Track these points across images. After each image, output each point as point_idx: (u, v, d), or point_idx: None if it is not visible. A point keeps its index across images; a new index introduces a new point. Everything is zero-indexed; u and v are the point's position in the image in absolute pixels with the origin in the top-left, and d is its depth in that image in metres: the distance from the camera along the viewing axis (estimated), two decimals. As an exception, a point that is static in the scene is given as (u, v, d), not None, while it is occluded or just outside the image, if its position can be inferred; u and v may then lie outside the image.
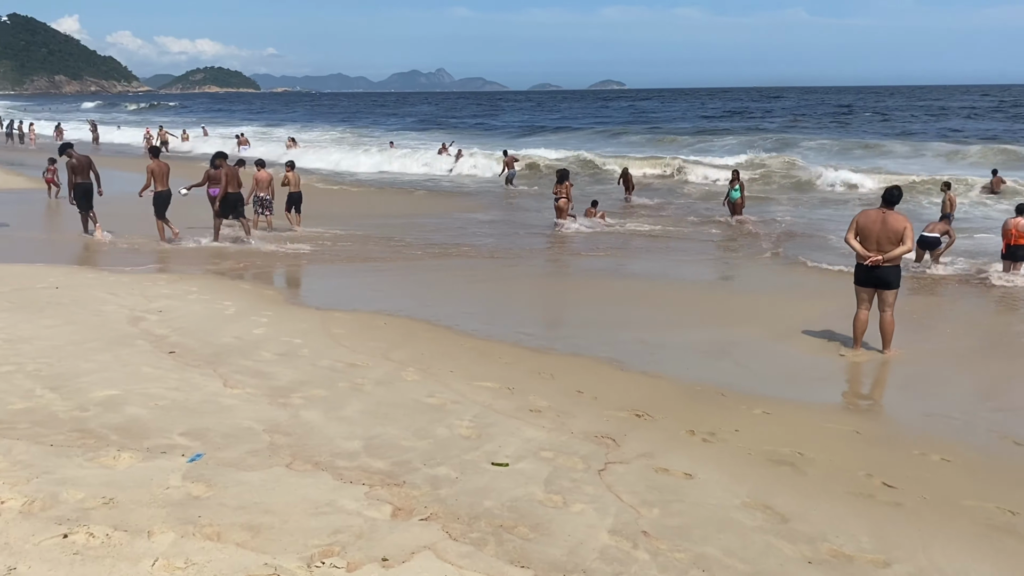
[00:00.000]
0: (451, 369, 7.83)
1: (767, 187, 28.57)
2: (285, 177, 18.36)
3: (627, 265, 15.06)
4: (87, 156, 17.19)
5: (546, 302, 12.22)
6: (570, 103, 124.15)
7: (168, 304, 10.27)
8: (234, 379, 7.13)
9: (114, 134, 52.51)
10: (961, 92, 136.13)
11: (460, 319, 10.31)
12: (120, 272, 12.67)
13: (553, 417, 6.51)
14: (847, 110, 77.22)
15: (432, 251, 15.99)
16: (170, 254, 15.18)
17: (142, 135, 44.10)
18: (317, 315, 10.20)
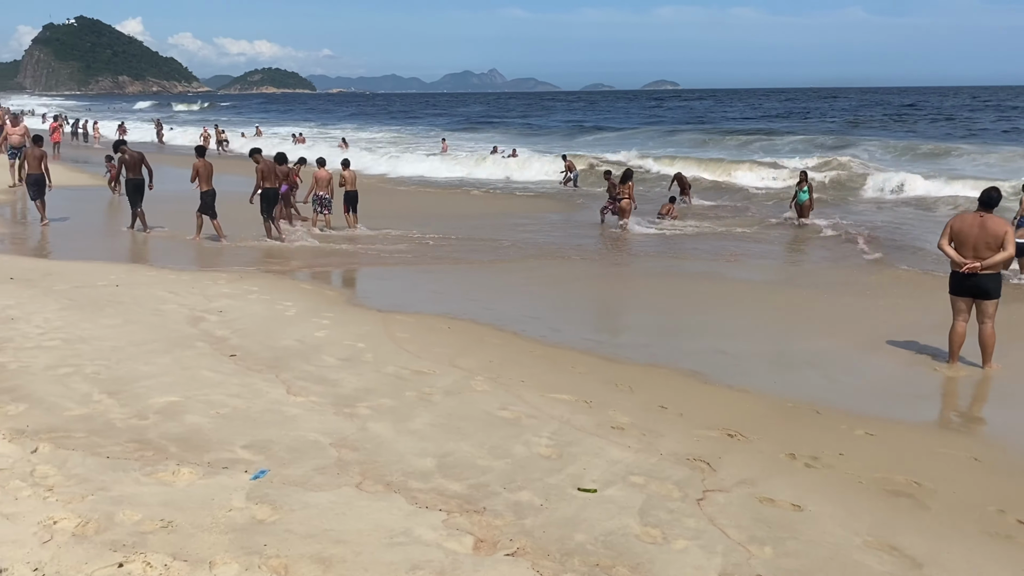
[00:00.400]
0: (522, 379, 7.37)
1: (836, 191, 27.48)
2: (341, 176, 18.12)
3: (696, 267, 14.43)
4: (140, 152, 17.19)
5: (615, 306, 11.68)
6: (624, 103, 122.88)
7: (228, 304, 10.01)
8: (297, 386, 6.76)
9: (171, 134, 53.21)
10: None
11: (526, 324, 9.85)
12: (180, 270, 12.49)
13: (638, 436, 6.00)
14: (909, 110, 74.64)
15: (492, 252, 15.56)
16: (228, 252, 15.02)
17: (199, 135, 44.64)
18: (379, 317, 9.84)
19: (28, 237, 15.69)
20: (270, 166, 16.05)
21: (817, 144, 39.22)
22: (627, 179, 19.28)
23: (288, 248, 15.53)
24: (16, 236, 15.53)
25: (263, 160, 16.21)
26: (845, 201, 24.90)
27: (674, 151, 38.00)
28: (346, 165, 18.49)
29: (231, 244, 15.43)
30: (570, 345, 8.87)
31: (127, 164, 16.64)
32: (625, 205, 19.05)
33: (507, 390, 6.98)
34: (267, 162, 16.20)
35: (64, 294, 10.15)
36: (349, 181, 17.98)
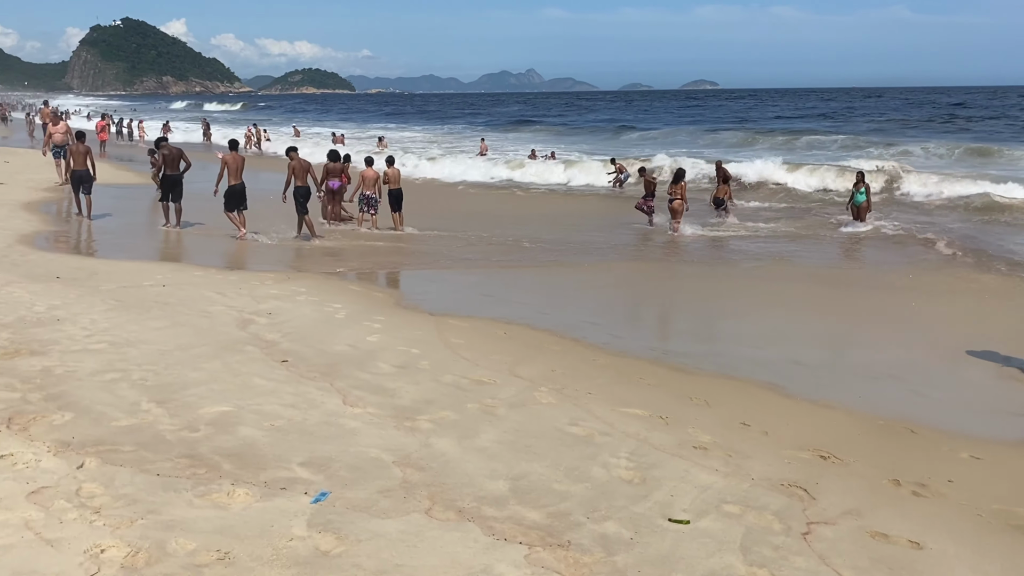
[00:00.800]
0: (589, 391, 6.90)
1: (888, 192, 26.54)
2: (384, 174, 17.80)
3: (756, 271, 13.83)
4: (179, 148, 17.04)
5: (675, 311, 11.16)
6: (663, 102, 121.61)
7: (277, 306, 9.69)
8: (353, 395, 6.37)
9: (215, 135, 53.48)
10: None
11: (585, 330, 9.38)
12: (227, 270, 12.23)
13: (723, 457, 5.50)
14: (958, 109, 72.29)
15: (543, 254, 15.11)
16: (272, 251, 14.77)
17: (243, 134, 44.81)
18: (431, 321, 9.44)
19: (74, 235, 15.60)
20: (303, 165, 15.89)
21: (864, 144, 38.05)
22: (679, 179, 18.68)
23: (330, 247, 15.24)
24: (63, 234, 15.43)
25: (296, 158, 16.05)
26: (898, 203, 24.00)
27: (723, 151, 37.18)
28: (390, 163, 18.16)
29: (265, 243, 15.19)
30: (634, 353, 8.39)
31: (166, 159, 16.58)
32: (677, 206, 18.45)
33: (575, 403, 6.52)
34: (300, 160, 16.03)
35: (110, 294, 9.91)
36: (393, 179, 17.65)
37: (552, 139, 48.48)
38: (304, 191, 15.76)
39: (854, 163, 29.11)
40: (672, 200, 18.40)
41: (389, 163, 18.13)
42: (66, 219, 17.24)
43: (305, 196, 15.76)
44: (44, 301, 9.28)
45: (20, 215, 16.88)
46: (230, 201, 15.51)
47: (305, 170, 15.86)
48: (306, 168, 15.93)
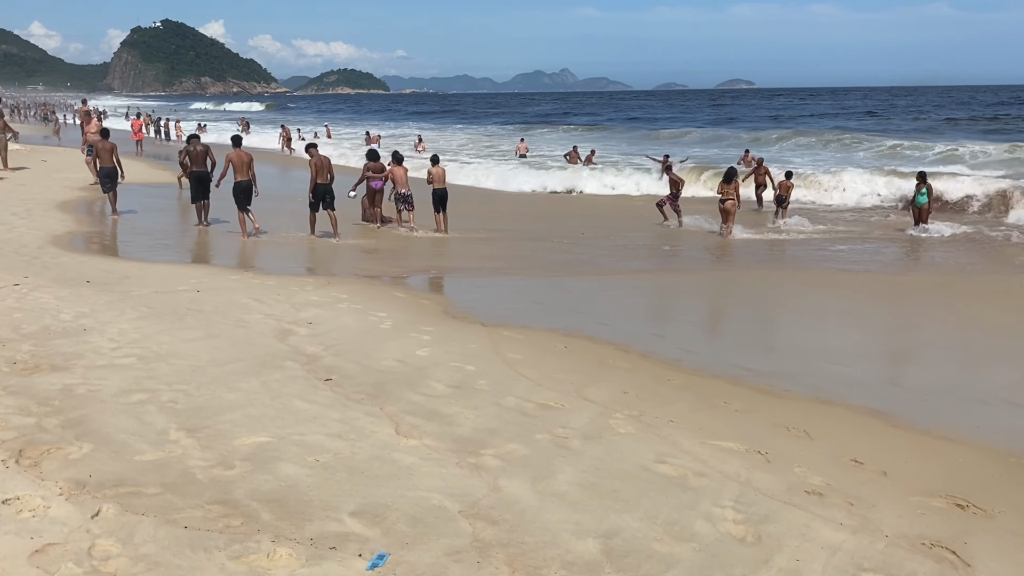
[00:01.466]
0: (670, 418, 6.09)
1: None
2: (429, 173, 17.10)
3: (821, 277, 12.89)
4: (205, 146, 16.57)
5: (747, 322, 10.25)
6: (699, 101, 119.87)
7: (318, 315, 9.00)
8: (407, 423, 5.63)
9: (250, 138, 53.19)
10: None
11: (652, 343, 8.57)
12: (264, 274, 11.58)
13: (844, 506, 4.66)
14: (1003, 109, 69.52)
15: (593, 259, 14.32)
16: (312, 253, 14.15)
17: (278, 135, 44.56)
18: (484, 332, 8.68)
19: (108, 236, 15.09)
20: (324, 162, 15.49)
21: (912, 146, 36.45)
22: (731, 178, 17.77)
23: (371, 249, 14.58)
24: (96, 235, 14.93)
25: (316, 154, 15.64)
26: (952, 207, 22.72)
27: (773, 152, 35.99)
28: (435, 161, 17.46)
29: (310, 242, 14.57)
30: (712, 371, 7.55)
31: (191, 156, 16.22)
32: (730, 207, 17.53)
33: (657, 434, 5.71)
34: (320, 157, 15.62)
35: (142, 300, 9.30)
36: (437, 178, 16.94)
37: (594, 141, 47.47)
38: (322, 188, 15.31)
39: (913, 166, 27.84)
40: (724, 201, 17.48)
41: (434, 162, 17.44)
42: (100, 219, 16.77)
43: (322, 194, 15.30)
44: (72, 308, 8.69)
45: (54, 215, 16.46)
46: (237, 198, 15.10)
47: (325, 167, 15.46)
48: (326, 165, 15.51)
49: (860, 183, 26.64)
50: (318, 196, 15.30)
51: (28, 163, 25.44)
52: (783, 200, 19.72)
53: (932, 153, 33.18)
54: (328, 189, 15.40)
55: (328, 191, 15.39)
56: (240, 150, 15.37)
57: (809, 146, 39.60)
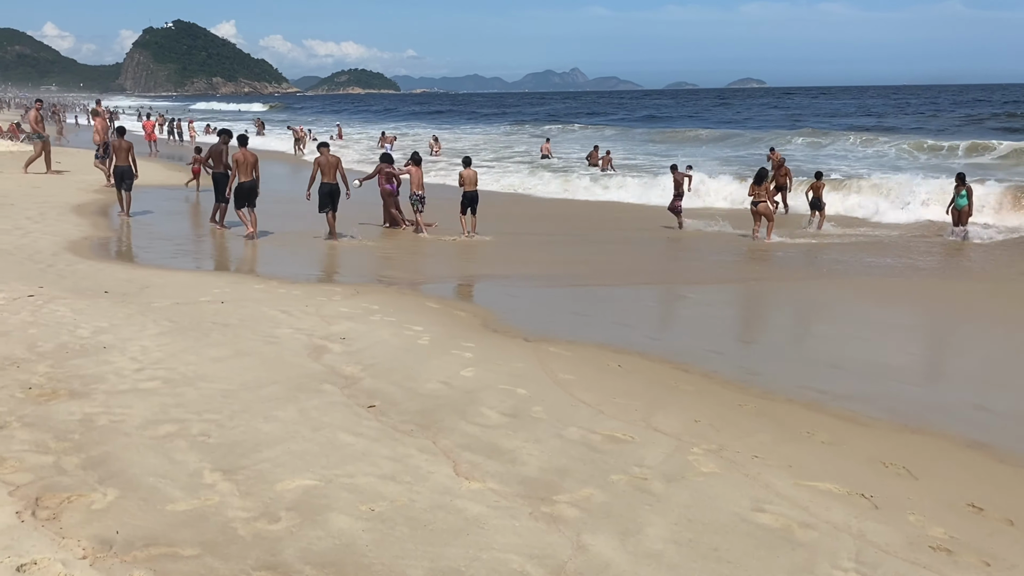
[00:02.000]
0: (754, 452, 5.48)
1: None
2: (460, 176, 16.58)
3: (878, 286, 12.24)
4: (220, 147, 16.04)
5: (804, 337, 9.62)
6: (709, 100, 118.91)
7: (351, 329, 8.43)
8: (465, 461, 5.04)
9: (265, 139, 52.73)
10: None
11: (712, 361, 7.96)
12: (289, 283, 11.03)
13: (979, 566, 4.06)
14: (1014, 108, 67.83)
15: (629, 266, 13.73)
16: (328, 258, 13.60)
17: (291, 134, 44.17)
18: (529, 349, 8.10)
19: (125, 241, 14.57)
20: (331, 161, 15.08)
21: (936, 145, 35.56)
22: (762, 180, 17.12)
23: (397, 255, 14.02)
24: (113, 240, 14.41)
25: (325, 153, 15.30)
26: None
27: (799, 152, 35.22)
28: (467, 163, 16.90)
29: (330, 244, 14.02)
30: (784, 393, 6.93)
31: (212, 156, 15.98)
32: (764, 210, 16.89)
33: (744, 473, 5.11)
34: (329, 156, 15.24)
35: (164, 313, 8.76)
36: (469, 181, 16.39)
37: (609, 138, 46.86)
38: (329, 188, 14.95)
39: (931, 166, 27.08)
40: (757, 203, 16.84)
41: (466, 164, 16.90)
42: (119, 224, 16.26)
43: (331, 194, 14.95)
44: (90, 322, 8.15)
45: (70, 219, 15.96)
46: (239, 198, 14.76)
47: (334, 166, 15.07)
48: (334, 164, 15.12)
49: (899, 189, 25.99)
50: (323, 196, 14.94)
51: (41, 165, 24.99)
52: (819, 203, 19.02)
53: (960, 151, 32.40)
54: (335, 190, 15.01)
55: (335, 192, 15.00)
56: (245, 150, 14.96)
57: (847, 148, 38.70)
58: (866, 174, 25.63)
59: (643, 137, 49.85)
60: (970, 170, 22.75)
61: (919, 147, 35.30)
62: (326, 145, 15.92)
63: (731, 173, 25.41)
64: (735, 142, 43.20)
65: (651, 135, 50.53)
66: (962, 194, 17.76)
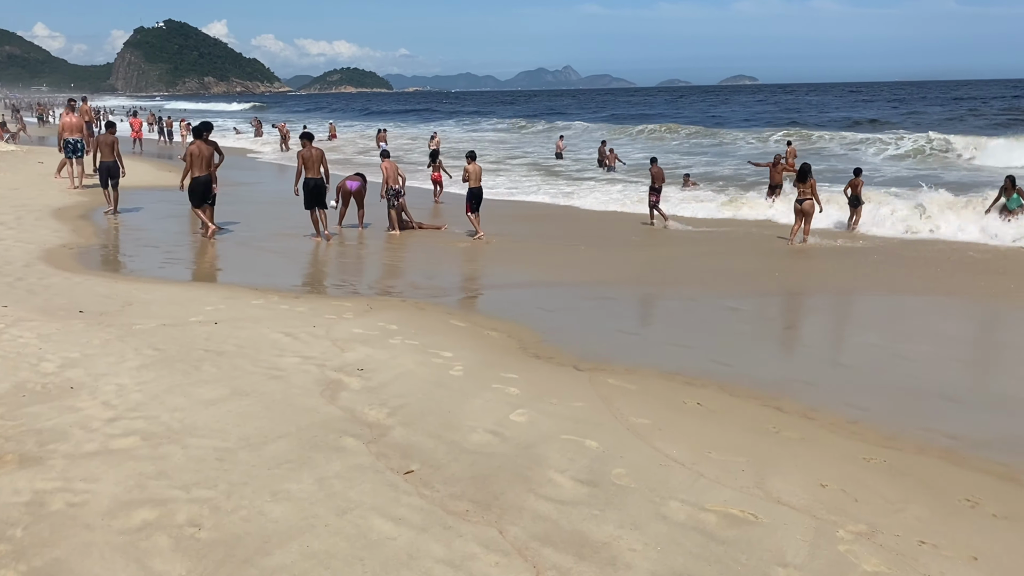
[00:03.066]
0: (917, 536, 4.18)
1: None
2: (465, 170, 15.33)
3: (936, 294, 10.94)
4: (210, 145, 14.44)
5: (896, 358, 8.21)
6: (704, 96, 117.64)
7: (369, 356, 7.10)
8: (550, 566, 3.71)
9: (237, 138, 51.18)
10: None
11: (801, 392, 6.67)
12: (292, 297, 9.68)
13: None
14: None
15: (655, 272, 12.41)
16: (328, 265, 12.25)
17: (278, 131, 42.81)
18: (583, 380, 6.78)
19: (107, 248, 13.18)
20: (314, 155, 14.04)
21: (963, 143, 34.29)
22: (806, 176, 15.81)
23: (405, 260, 12.69)
24: (94, 248, 13.00)
25: (308, 146, 14.21)
26: None
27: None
28: (472, 157, 15.61)
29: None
30: (912, 440, 5.63)
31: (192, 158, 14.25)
32: (809, 208, 15.58)
33: (924, 574, 3.79)
34: (312, 149, 14.16)
35: (147, 338, 7.41)
36: (474, 176, 15.14)
37: (611, 137, 45.47)
38: (314, 183, 13.97)
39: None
40: (802, 201, 15.53)
41: (471, 158, 15.59)
42: (99, 228, 14.87)
43: (316, 189, 13.97)
44: (57, 352, 6.80)
45: (48, 224, 14.57)
46: (193, 195, 13.72)
47: (318, 160, 14.06)
48: (318, 158, 14.10)
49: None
50: (308, 193, 13.96)
51: (23, 165, 23.59)
52: (858, 200, 17.68)
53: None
54: (319, 184, 14.01)
55: (320, 187, 14.01)
56: (201, 143, 13.82)
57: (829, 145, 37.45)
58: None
59: (647, 134, 48.48)
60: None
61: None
62: (309, 137, 14.76)
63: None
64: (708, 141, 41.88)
65: (657, 133, 49.16)
66: (1014, 197, 16.30)
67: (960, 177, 24.55)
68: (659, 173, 17.42)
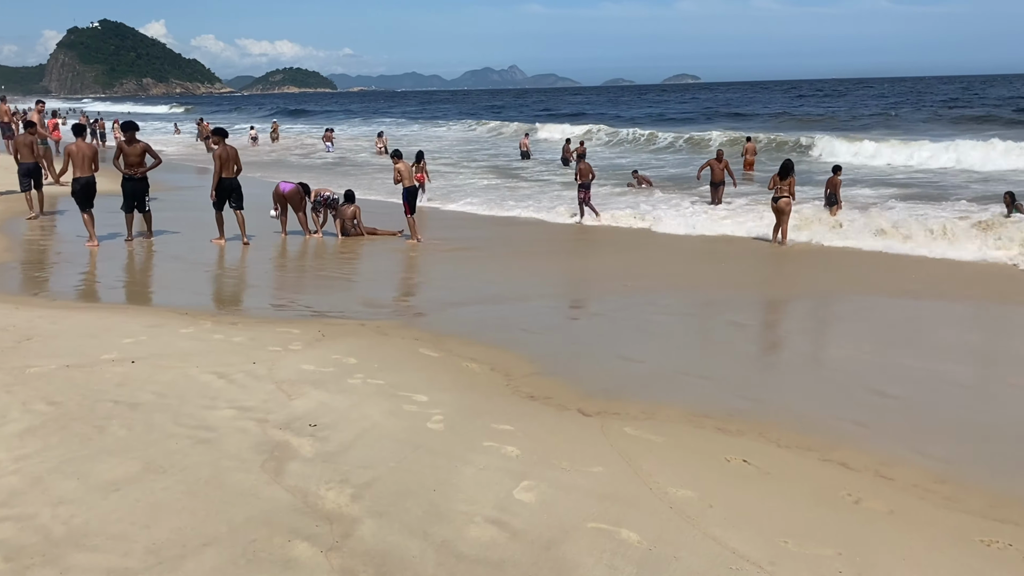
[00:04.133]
0: None
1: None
2: (397, 171, 14.03)
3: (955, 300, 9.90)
4: (144, 145, 13.11)
5: (949, 387, 7.08)
6: (653, 95, 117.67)
7: (322, 405, 5.68)
8: None
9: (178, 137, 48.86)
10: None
11: (859, 437, 5.50)
12: (228, 323, 8.18)
13: None
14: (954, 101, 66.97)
15: (635, 279, 11.18)
16: (268, 278, 10.72)
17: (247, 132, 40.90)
18: (594, 429, 5.49)
19: (12, 266, 11.43)
20: (231, 153, 13.10)
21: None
22: (787, 173, 14.75)
23: (328, 272, 11.24)
24: (3, 267, 11.25)
25: (222, 143, 13.02)
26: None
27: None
28: (399, 156, 14.38)
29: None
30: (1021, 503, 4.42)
31: (120, 156, 12.99)
32: (785, 206, 14.56)
33: None
34: (227, 147, 12.98)
35: (42, 386, 5.87)
36: (406, 175, 13.88)
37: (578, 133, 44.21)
38: (229, 183, 12.96)
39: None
40: (779, 199, 14.47)
41: (398, 156, 14.31)
42: (21, 241, 13.09)
43: (231, 190, 12.98)
44: (-87, 415, 5.22)
45: (-53, 238, 12.75)
46: (80, 199, 12.64)
47: (233, 158, 12.93)
48: (234, 156, 12.97)
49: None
50: (223, 193, 12.95)
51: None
52: (835, 198, 16.69)
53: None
54: (235, 184, 13.02)
55: (235, 187, 13.00)
56: (81, 141, 12.82)
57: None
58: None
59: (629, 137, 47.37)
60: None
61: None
62: (223, 133, 13.49)
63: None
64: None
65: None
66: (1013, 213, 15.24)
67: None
68: (586, 169, 16.74)
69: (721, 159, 18.83)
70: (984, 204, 16.32)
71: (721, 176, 18.60)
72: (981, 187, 20.17)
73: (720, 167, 18.62)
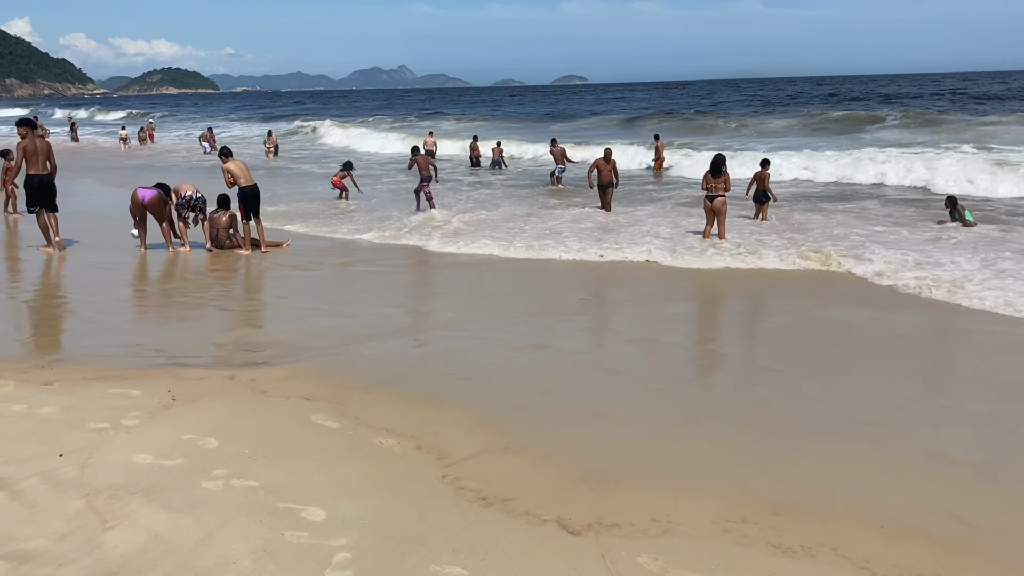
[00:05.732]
0: None
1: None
2: (228, 171, 11.78)
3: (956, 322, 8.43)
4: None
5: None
6: (544, 95, 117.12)
7: (156, 539, 3.53)
8: None
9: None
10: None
11: (969, 542, 3.66)
12: (37, 383, 5.78)
13: None
14: (829, 96, 68.38)
15: (567, 297, 9.32)
16: (104, 305, 8.25)
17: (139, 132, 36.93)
18: (593, 564, 3.48)
19: None
20: (41, 147, 11.40)
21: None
22: (720, 169, 13.27)
23: (172, 288, 8.90)
24: None
25: (30, 135, 11.35)
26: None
27: (693, 138, 32.12)
28: (228, 154, 12.39)
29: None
30: None
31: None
32: (721, 205, 13.06)
33: None
34: (35, 140, 11.38)
35: None
36: (241, 174, 12.00)
37: (492, 130, 42.14)
38: (40, 180, 11.29)
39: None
40: (714, 198, 12.95)
41: (227, 155, 12.16)
42: None
43: (43, 187, 11.28)
44: None
45: None
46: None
47: (44, 153, 11.39)
48: (45, 150, 11.43)
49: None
50: (34, 191, 11.27)
51: None
52: (763, 196, 15.27)
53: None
54: (46, 182, 11.37)
55: (47, 185, 11.36)
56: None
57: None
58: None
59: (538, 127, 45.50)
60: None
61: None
62: (29, 124, 11.60)
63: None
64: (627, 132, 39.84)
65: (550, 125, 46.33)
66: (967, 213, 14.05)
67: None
68: (423, 162, 16.89)
69: (609, 159, 17.07)
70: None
71: (609, 178, 16.85)
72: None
73: (608, 168, 16.87)
